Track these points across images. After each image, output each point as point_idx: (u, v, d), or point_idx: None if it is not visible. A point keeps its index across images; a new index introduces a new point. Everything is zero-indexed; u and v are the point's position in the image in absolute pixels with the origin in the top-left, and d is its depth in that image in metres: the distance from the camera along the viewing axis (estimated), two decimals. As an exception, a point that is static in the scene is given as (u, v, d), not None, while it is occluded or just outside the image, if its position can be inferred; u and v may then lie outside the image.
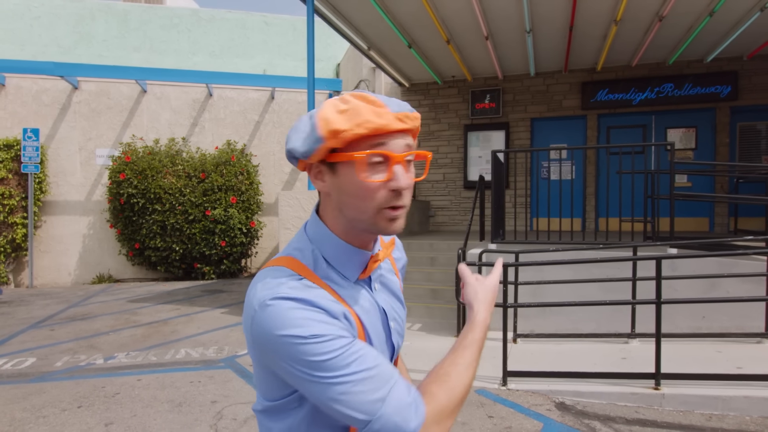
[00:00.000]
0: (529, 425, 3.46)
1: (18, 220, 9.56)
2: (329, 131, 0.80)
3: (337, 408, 0.76)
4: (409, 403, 0.78)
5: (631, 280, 4.98)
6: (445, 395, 0.81)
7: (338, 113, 0.81)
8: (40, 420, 3.58)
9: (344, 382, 0.75)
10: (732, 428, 3.42)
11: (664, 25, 7.39)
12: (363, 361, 0.77)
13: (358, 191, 0.83)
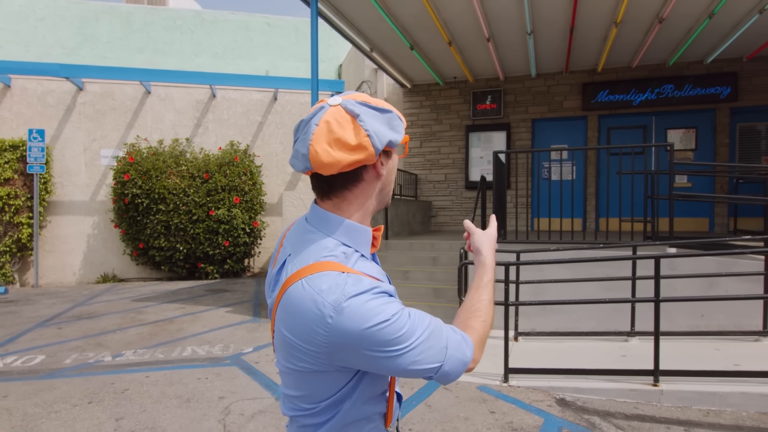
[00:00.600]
0: (530, 420, 3.54)
1: (23, 219, 9.65)
2: (403, 129, 1.01)
3: (416, 368, 0.89)
4: (460, 339, 0.96)
5: (631, 279, 5.06)
6: (480, 326, 1.03)
7: (400, 113, 1.03)
8: (52, 415, 3.66)
9: (419, 344, 0.88)
10: (729, 423, 3.50)
11: (664, 27, 7.47)
12: (422, 321, 0.91)
13: (392, 172, 1.06)
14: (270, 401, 3.88)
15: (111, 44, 13.97)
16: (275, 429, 3.41)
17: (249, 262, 10.82)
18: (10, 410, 3.74)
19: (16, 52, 13.31)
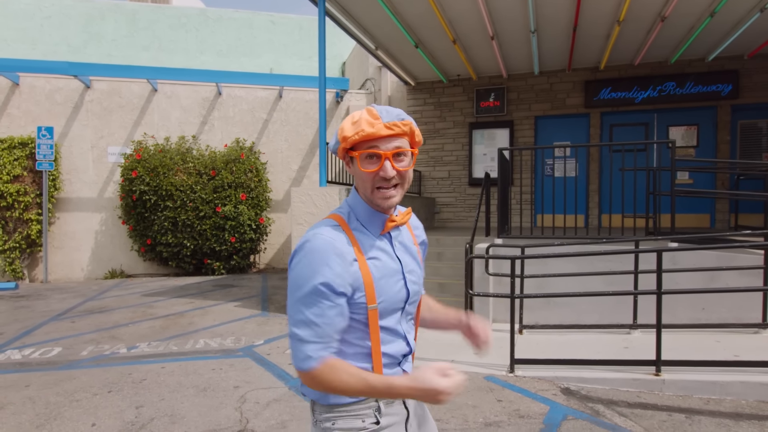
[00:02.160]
0: (536, 408, 3.66)
1: (33, 216, 9.78)
2: (342, 137, 1.22)
3: (290, 323, 1.21)
4: (308, 355, 1.15)
5: (633, 273, 5.17)
6: (335, 378, 1.15)
7: (351, 124, 1.21)
8: (74, 403, 3.79)
9: (297, 307, 1.20)
10: (729, 411, 3.62)
11: (666, 25, 7.56)
12: (312, 306, 1.18)
13: (361, 177, 1.23)
14: (284, 390, 4.01)
15: (116, 42, 14.07)
16: (290, 416, 3.53)
17: (255, 258, 10.95)
18: (33, 399, 3.87)
19: (22, 51, 13.41)
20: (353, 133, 1.19)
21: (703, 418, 3.50)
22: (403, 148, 1.22)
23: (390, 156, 1.20)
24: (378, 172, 1.20)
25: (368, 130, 1.17)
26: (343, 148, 1.24)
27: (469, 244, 5.80)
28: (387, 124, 1.18)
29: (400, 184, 1.25)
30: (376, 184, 1.22)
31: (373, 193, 1.23)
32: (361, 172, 1.22)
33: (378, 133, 1.18)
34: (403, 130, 1.21)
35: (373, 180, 1.22)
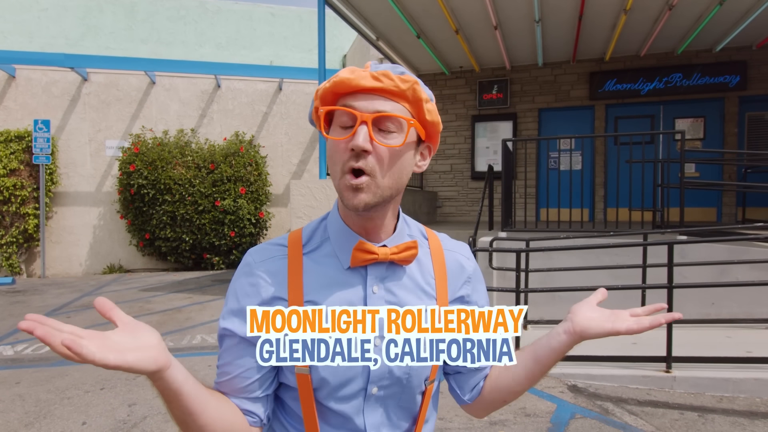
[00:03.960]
0: (542, 406, 3.53)
1: (30, 210, 9.67)
2: (315, 91, 0.87)
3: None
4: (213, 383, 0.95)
5: (641, 267, 5.03)
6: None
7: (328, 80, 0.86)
8: (65, 401, 3.67)
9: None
10: (743, 409, 3.49)
11: (674, 15, 7.39)
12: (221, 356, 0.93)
13: (329, 152, 0.86)
14: (282, 387, 3.89)
15: (115, 35, 13.91)
16: (288, 414, 3.41)
17: (254, 252, 10.83)
18: (22, 396, 3.76)
19: (19, 43, 13.24)
20: (324, 83, 0.83)
21: (716, 417, 3.37)
22: (391, 113, 0.80)
23: (369, 120, 0.79)
24: (348, 143, 0.80)
25: (344, 75, 0.80)
26: (316, 109, 0.86)
27: (473, 238, 5.66)
28: (374, 74, 0.80)
29: (371, 174, 0.81)
30: (346, 165, 0.81)
31: (341, 179, 0.83)
32: (330, 143, 0.84)
33: (356, 82, 0.79)
34: (398, 87, 0.80)
35: (343, 157, 0.82)
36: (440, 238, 1.01)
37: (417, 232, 0.99)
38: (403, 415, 0.94)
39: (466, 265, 1.00)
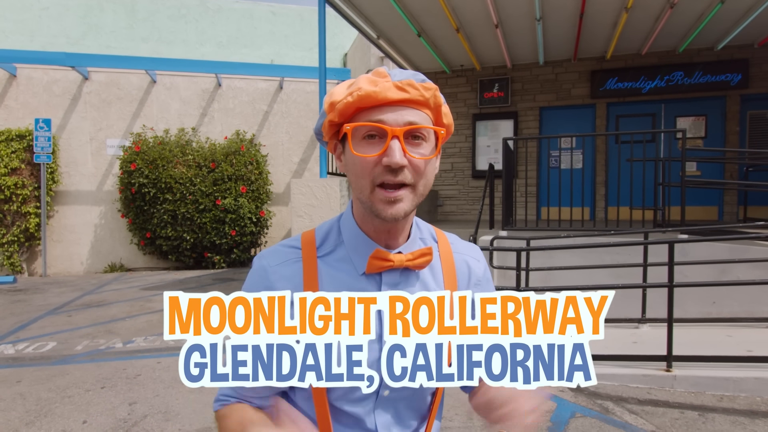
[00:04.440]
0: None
1: (31, 209, 9.68)
2: (328, 104, 0.80)
3: None
4: (217, 396, 0.93)
5: (642, 266, 5.02)
6: (221, 426, 0.88)
7: (346, 87, 0.81)
8: (66, 400, 3.68)
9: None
10: (743, 408, 3.48)
11: (675, 13, 7.37)
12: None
13: (354, 167, 0.80)
14: (282, 386, 3.89)
15: (115, 33, 13.92)
16: (288, 413, 3.41)
17: (255, 251, 10.83)
18: (23, 395, 3.76)
19: (20, 42, 13.26)
20: (345, 95, 0.78)
21: (716, 416, 3.36)
22: (421, 124, 0.78)
23: (400, 135, 0.76)
24: (381, 159, 0.77)
25: (368, 88, 0.76)
26: (330, 122, 0.81)
27: (473, 236, 5.66)
28: (398, 84, 0.77)
29: (411, 185, 0.80)
30: (377, 180, 0.78)
31: (372, 193, 0.79)
32: (354, 159, 0.79)
33: (382, 95, 0.76)
34: (423, 96, 0.78)
35: (373, 172, 0.78)
36: (450, 240, 0.98)
37: (428, 234, 0.96)
38: (413, 415, 0.89)
39: (475, 268, 0.97)
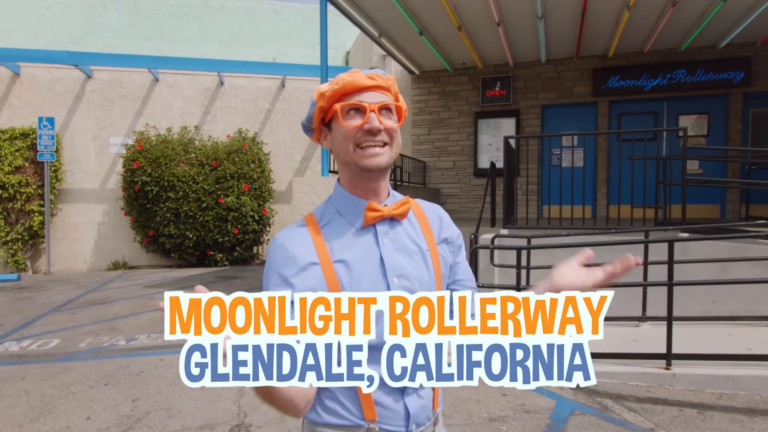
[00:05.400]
0: (542, 403, 3.55)
1: (35, 207, 9.73)
2: (318, 94, 1.05)
3: None
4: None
5: (643, 265, 5.03)
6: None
7: (327, 83, 1.05)
8: (70, 396, 3.71)
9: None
10: (742, 406, 3.49)
11: (678, 11, 7.35)
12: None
13: (342, 135, 1.03)
14: (283, 383, 3.92)
15: (118, 32, 13.96)
16: (289, 410, 3.44)
17: (258, 249, 10.87)
18: (28, 391, 3.80)
19: (23, 41, 13.31)
20: (331, 86, 1.03)
21: (715, 414, 3.38)
22: (388, 102, 1.05)
23: (375, 109, 1.01)
24: (362, 127, 1.01)
25: (348, 78, 1.02)
26: (320, 108, 1.06)
27: (474, 234, 5.67)
28: (369, 75, 1.03)
29: (388, 144, 1.04)
30: (359, 141, 1.01)
31: (356, 152, 1.02)
32: (343, 128, 1.02)
33: (359, 83, 1.02)
34: (386, 83, 1.05)
35: (356, 136, 1.01)
36: (417, 201, 1.20)
37: (400, 197, 1.16)
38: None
39: (442, 216, 1.19)
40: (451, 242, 1.17)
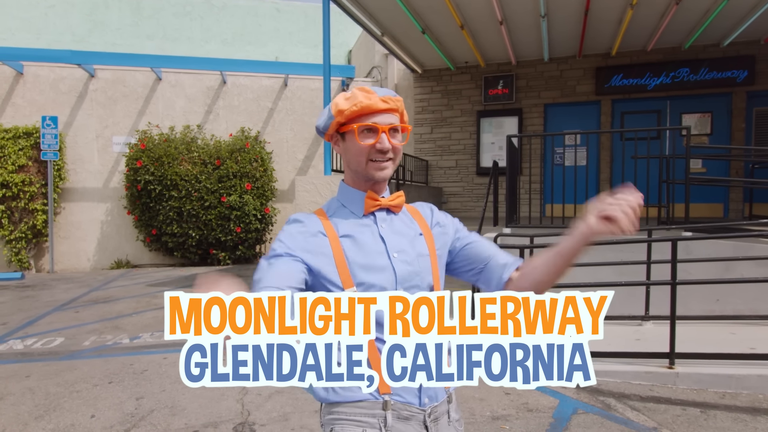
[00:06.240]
0: (545, 401, 3.56)
1: (38, 206, 9.76)
2: (336, 111, 1.18)
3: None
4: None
5: (646, 264, 5.03)
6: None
7: (345, 99, 1.18)
8: (74, 394, 3.73)
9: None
10: (745, 406, 3.49)
11: (681, 9, 7.34)
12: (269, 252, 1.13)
13: (356, 150, 1.18)
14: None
15: (121, 31, 13.98)
16: (293, 408, 3.45)
17: (260, 248, 10.88)
18: (32, 389, 3.82)
19: (27, 40, 13.35)
20: (350, 105, 1.16)
21: (718, 413, 3.38)
22: (397, 124, 1.21)
23: (386, 130, 1.17)
24: (375, 145, 1.17)
25: (365, 102, 1.15)
26: (338, 122, 1.20)
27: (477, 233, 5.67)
28: (383, 98, 1.17)
29: (392, 159, 1.22)
30: (371, 156, 1.18)
31: (368, 165, 1.19)
32: (358, 145, 1.18)
33: (375, 106, 1.15)
34: (396, 106, 1.20)
35: (369, 152, 1.18)
36: (411, 204, 1.35)
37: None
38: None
39: (435, 212, 1.34)
40: (444, 224, 1.31)
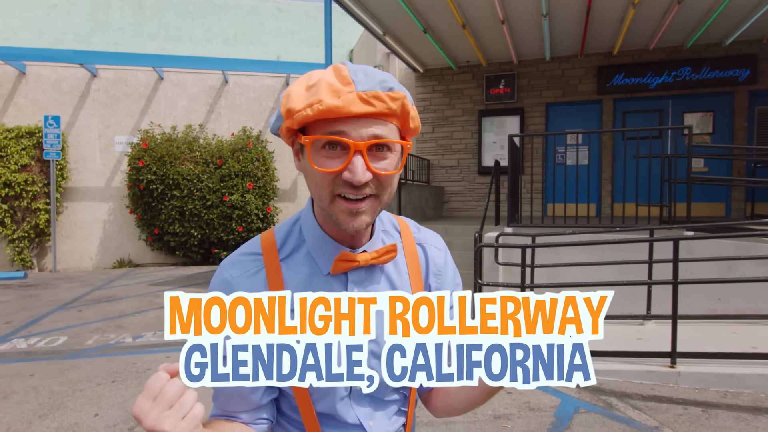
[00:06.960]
0: (546, 401, 3.56)
1: (41, 206, 9.79)
2: (286, 110, 0.74)
3: None
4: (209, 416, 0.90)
5: (648, 263, 5.03)
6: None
7: (305, 89, 0.74)
8: (78, 393, 3.75)
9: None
10: (747, 405, 3.50)
11: (683, 8, 7.33)
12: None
13: (312, 177, 0.77)
14: (289, 381, 3.94)
15: (123, 30, 14.00)
16: (295, 407, 3.46)
17: (262, 247, 10.90)
18: (36, 388, 3.84)
19: (29, 39, 13.37)
20: (305, 105, 0.72)
21: (720, 412, 3.38)
22: (386, 138, 0.74)
23: (364, 149, 0.72)
24: (341, 173, 0.74)
25: (329, 102, 0.70)
26: (288, 128, 0.76)
27: (479, 233, 5.68)
28: (363, 95, 0.71)
29: (375, 195, 0.77)
30: (337, 191, 0.76)
31: (332, 204, 0.77)
32: (313, 171, 0.75)
33: (345, 109, 0.71)
34: (390, 108, 0.73)
35: (332, 184, 0.75)
36: (411, 230, 0.96)
37: (390, 226, 0.95)
38: (386, 406, 0.91)
39: (435, 256, 0.95)
40: (440, 275, 0.96)
